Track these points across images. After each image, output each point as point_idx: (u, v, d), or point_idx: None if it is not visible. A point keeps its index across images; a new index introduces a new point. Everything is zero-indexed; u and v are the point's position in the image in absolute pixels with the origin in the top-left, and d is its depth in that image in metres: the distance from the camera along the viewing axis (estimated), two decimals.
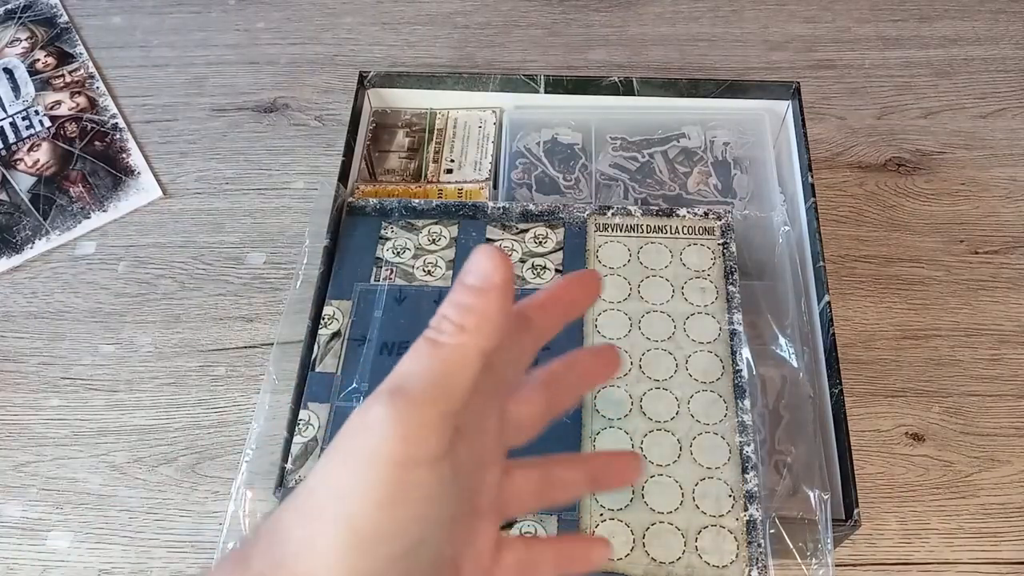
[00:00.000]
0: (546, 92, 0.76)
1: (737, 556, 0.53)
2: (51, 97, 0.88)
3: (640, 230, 0.67)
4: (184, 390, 0.71)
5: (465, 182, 0.74)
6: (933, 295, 0.74)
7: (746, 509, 0.55)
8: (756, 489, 0.55)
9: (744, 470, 0.56)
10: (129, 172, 0.83)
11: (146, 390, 0.71)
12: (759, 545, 0.53)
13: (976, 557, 0.62)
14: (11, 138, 0.85)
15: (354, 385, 0.60)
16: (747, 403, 0.59)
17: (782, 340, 0.65)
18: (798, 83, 0.73)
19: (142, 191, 0.81)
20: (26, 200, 0.81)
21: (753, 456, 0.57)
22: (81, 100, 0.87)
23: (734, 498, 0.55)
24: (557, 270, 0.65)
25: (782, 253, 0.68)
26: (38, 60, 0.90)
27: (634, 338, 0.62)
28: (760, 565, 0.53)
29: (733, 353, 0.61)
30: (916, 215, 0.78)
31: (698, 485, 0.56)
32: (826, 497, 0.59)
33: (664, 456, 0.57)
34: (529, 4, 0.95)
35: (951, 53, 0.89)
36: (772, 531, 0.56)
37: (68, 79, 0.89)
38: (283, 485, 0.57)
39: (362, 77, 0.76)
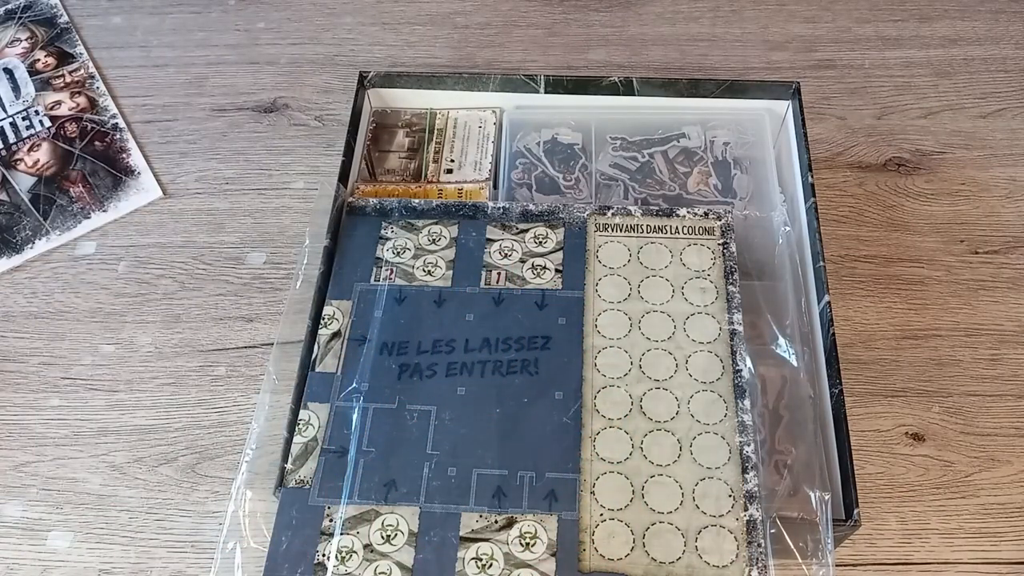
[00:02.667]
0: (546, 92, 0.76)
1: (737, 556, 0.53)
2: (51, 97, 0.88)
3: (640, 230, 0.67)
4: (184, 390, 0.71)
5: (465, 182, 0.74)
6: (933, 295, 0.74)
7: (746, 509, 0.55)
8: (756, 489, 0.55)
9: (744, 470, 0.56)
10: (129, 172, 0.83)
11: (146, 390, 0.71)
12: (759, 545, 0.53)
13: (976, 557, 0.62)
14: (11, 138, 0.85)
15: (354, 385, 0.60)
16: (747, 403, 0.59)
17: (782, 340, 0.65)
18: (798, 83, 0.73)
19: (142, 191, 0.81)
20: (26, 200, 0.81)
21: (753, 456, 0.57)
22: (81, 100, 0.87)
23: (734, 498, 0.55)
24: (557, 270, 0.65)
25: (782, 253, 0.68)
26: (38, 60, 0.90)
27: (634, 338, 0.62)
28: (760, 565, 0.53)
29: (733, 353, 0.61)
30: (916, 215, 0.78)
31: (698, 485, 0.56)
32: (826, 497, 0.59)
33: (664, 456, 0.57)
34: (529, 4, 0.95)
35: (951, 53, 0.89)
36: (772, 531, 0.56)
37: (68, 79, 0.89)
38: (283, 485, 0.57)
39: (362, 77, 0.76)
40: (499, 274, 0.64)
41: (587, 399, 0.59)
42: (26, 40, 0.92)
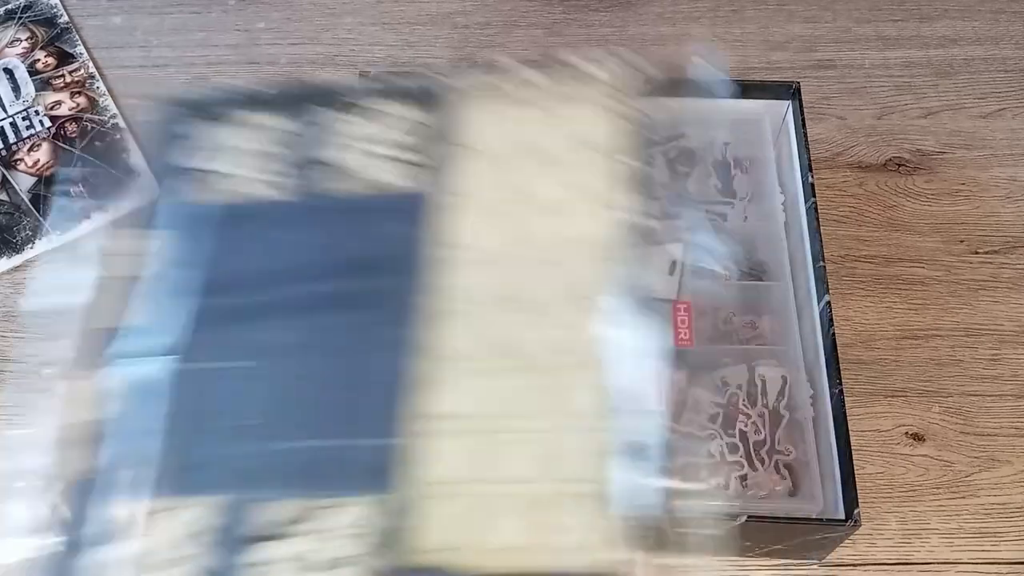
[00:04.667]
0: None
1: (610, 535, 0.40)
2: (51, 97, 0.88)
3: (528, 99, 0.51)
4: None
5: None
6: (933, 295, 0.74)
7: (625, 472, 0.41)
8: (648, 447, 0.41)
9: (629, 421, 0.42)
10: (129, 172, 0.83)
11: None
12: (647, 521, 0.40)
13: (976, 557, 0.62)
14: (11, 138, 0.85)
15: (151, 339, 0.47)
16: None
17: (782, 340, 0.66)
18: (798, 83, 0.73)
19: (142, 191, 0.81)
20: (26, 200, 0.81)
21: (653, 405, 0.42)
22: (81, 100, 0.87)
23: (604, 459, 0.42)
24: (417, 164, 0.50)
25: (782, 253, 0.68)
26: (38, 60, 0.90)
27: (510, 250, 0.48)
28: (648, 546, 0.40)
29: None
30: (916, 215, 0.78)
31: (564, 444, 0.42)
32: (826, 497, 0.59)
33: (525, 409, 0.43)
34: (529, 4, 0.95)
35: (951, 53, 0.89)
36: (773, 531, 0.56)
37: (68, 79, 0.89)
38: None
39: (362, 77, 0.76)
40: (345, 177, 0.51)
41: (436, 337, 0.46)
42: (26, 40, 0.92)
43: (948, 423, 0.68)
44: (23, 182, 0.82)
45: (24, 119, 0.86)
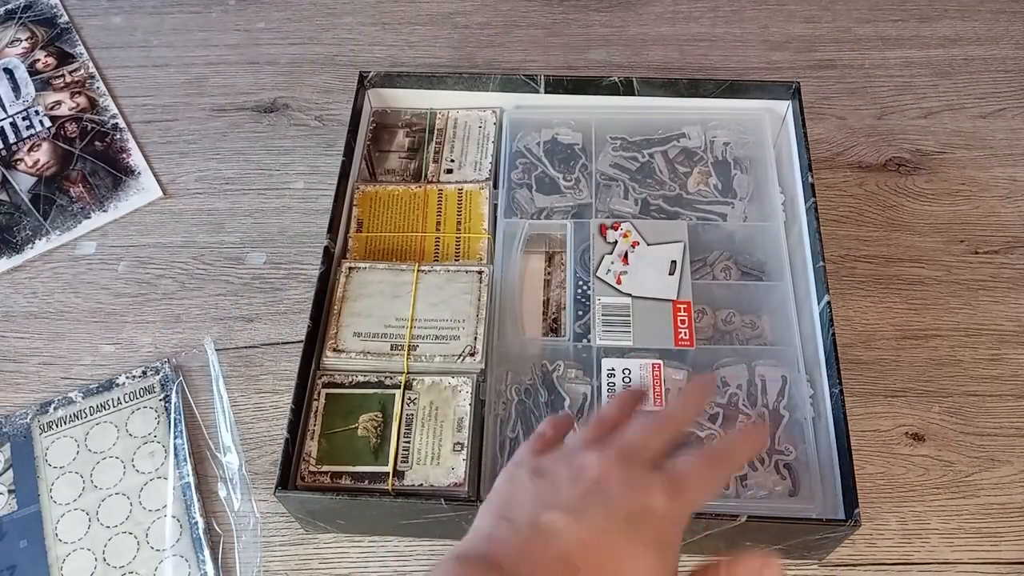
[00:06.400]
0: (546, 92, 0.76)
1: None
2: (51, 97, 0.88)
3: (83, 415, 0.68)
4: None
5: (465, 182, 0.74)
6: (933, 295, 0.74)
7: None
8: None
9: None
10: (129, 172, 0.83)
11: None
12: None
13: (976, 557, 0.62)
14: (11, 138, 0.85)
15: None
16: (207, 553, 0.62)
17: (781, 340, 0.66)
18: (798, 83, 0.73)
19: (142, 191, 0.81)
20: (26, 200, 0.81)
21: None
22: (81, 100, 0.87)
23: None
24: (10, 491, 0.64)
25: (782, 253, 0.68)
26: (38, 60, 0.90)
27: (94, 532, 0.63)
28: None
29: (188, 508, 0.63)
30: (916, 215, 0.78)
31: None
32: (825, 497, 0.59)
33: None
34: (529, 4, 0.95)
35: (951, 53, 0.89)
36: (773, 531, 0.56)
37: (68, 79, 0.89)
38: (283, 485, 0.57)
39: (362, 77, 0.76)
40: None
41: None
42: (26, 40, 0.92)
43: (948, 423, 0.68)
44: (23, 182, 0.82)
45: (24, 119, 0.86)
